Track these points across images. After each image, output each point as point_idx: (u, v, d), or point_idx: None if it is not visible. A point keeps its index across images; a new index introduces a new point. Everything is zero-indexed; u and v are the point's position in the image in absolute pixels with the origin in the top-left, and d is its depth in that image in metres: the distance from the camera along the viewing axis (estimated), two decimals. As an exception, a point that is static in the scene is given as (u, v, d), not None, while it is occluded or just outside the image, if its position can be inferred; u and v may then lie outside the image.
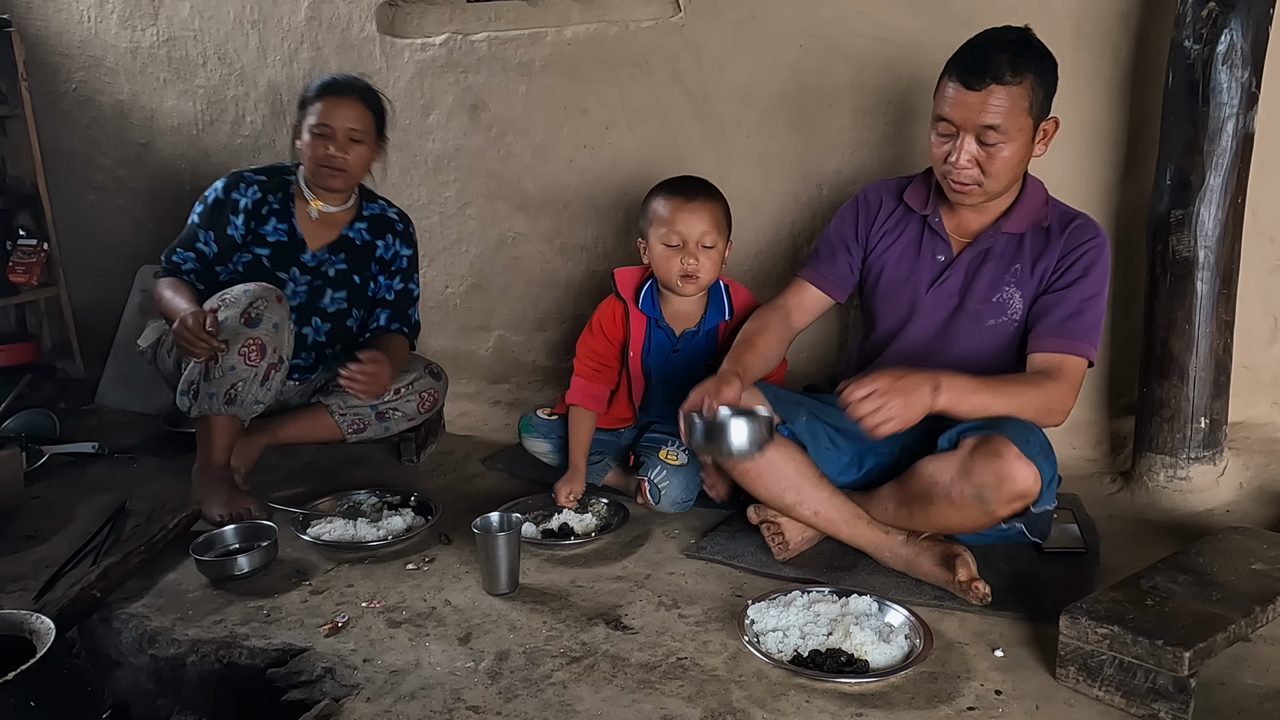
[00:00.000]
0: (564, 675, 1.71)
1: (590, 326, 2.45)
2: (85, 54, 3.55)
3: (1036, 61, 1.90)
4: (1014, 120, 1.89)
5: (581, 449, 2.39)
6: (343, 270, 2.62)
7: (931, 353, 2.09)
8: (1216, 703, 1.57)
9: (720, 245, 2.30)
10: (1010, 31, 1.92)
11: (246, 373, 2.32)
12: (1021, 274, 2.04)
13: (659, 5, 2.83)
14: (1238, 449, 2.37)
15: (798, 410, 2.10)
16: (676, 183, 2.34)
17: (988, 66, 1.87)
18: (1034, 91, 1.90)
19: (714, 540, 2.19)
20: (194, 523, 2.27)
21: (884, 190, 2.21)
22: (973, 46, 1.93)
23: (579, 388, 2.43)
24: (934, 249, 2.12)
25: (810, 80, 2.67)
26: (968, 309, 2.08)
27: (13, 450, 2.56)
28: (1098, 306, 2.00)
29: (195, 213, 2.59)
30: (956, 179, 1.96)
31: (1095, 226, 2.05)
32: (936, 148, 1.98)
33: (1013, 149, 1.92)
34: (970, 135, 1.91)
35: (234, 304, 2.31)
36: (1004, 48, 1.88)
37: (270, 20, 3.25)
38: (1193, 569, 1.73)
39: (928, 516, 1.93)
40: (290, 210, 2.59)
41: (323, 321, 2.62)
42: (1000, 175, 1.95)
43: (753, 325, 2.17)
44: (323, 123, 2.47)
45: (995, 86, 1.87)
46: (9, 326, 3.63)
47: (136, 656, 1.93)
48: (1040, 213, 2.05)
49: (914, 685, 1.65)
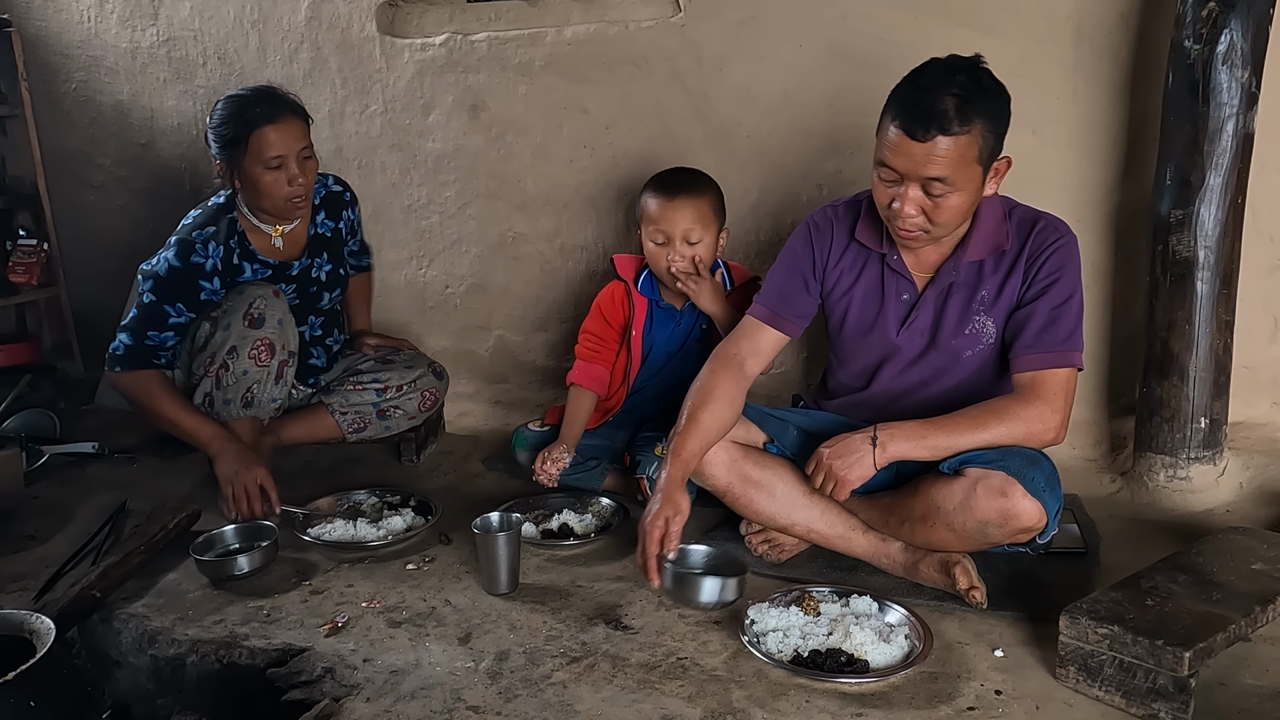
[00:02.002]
0: (564, 675, 1.71)
1: (593, 311, 2.51)
2: (85, 54, 3.55)
3: (987, 105, 1.76)
4: (961, 171, 1.77)
5: (576, 424, 2.43)
6: (329, 270, 2.61)
7: (913, 391, 2.05)
8: (1216, 703, 1.57)
9: (709, 238, 2.31)
10: (958, 69, 1.77)
11: (259, 374, 2.33)
12: (988, 299, 1.95)
13: (659, 5, 2.83)
14: (1238, 449, 2.37)
15: (785, 426, 2.08)
16: (663, 178, 2.36)
17: (933, 117, 1.72)
18: (983, 139, 1.76)
19: (714, 540, 2.18)
20: (194, 523, 2.27)
21: (834, 221, 2.07)
22: (917, 88, 1.76)
23: (580, 369, 2.48)
24: (898, 288, 2.01)
25: (810, 80, 2.67)
26: (941, 345, 2.00)
27: (13, 450, 2.56)
28: (1072, 310, 1.90)
29: (146, 289, 2.36)
30: (902, 226, 1.85)
31: (1059, 227, 1.94)
32: (879, 191, 1.87)
33: (960, 197, 1.80)
34: (915, 184, 1.79)
35: (233, 309, 2.31)
36: (950, 90, 1.73)
37: (270, 20, 3.25)
38: (1193, 569, 1.73)
39: (928, 537, 1.90)
40: (250, 248, 2.44)
41: (317, 318, 2.62)
42: (948, 223, 1.85)
43: (699, 396, 1.97)
44: (274, 155, 2.29)
45: (941, 138, 1.73)
46: (9, 326, 3.63)
47: (136, 656, 1.93)
48: (999, 233, 1.93)
49: (914, 685, 1.65)
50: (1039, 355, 1.88)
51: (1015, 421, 1.84)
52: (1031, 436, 1.85)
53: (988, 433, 1.84)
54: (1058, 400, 1.86)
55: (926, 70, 1.80)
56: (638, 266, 2.49)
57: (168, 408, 2.35)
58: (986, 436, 1.84)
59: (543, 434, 2.52)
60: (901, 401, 2.05)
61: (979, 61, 1.80)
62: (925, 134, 1.73)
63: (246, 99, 2.34)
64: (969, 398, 1.93)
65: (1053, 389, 1.86)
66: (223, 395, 2.32)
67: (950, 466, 1.85)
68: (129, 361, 2.36)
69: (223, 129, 2.32)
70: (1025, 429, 1.84)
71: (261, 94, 2.36)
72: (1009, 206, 1.98)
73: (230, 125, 2.31)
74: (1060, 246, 1.91)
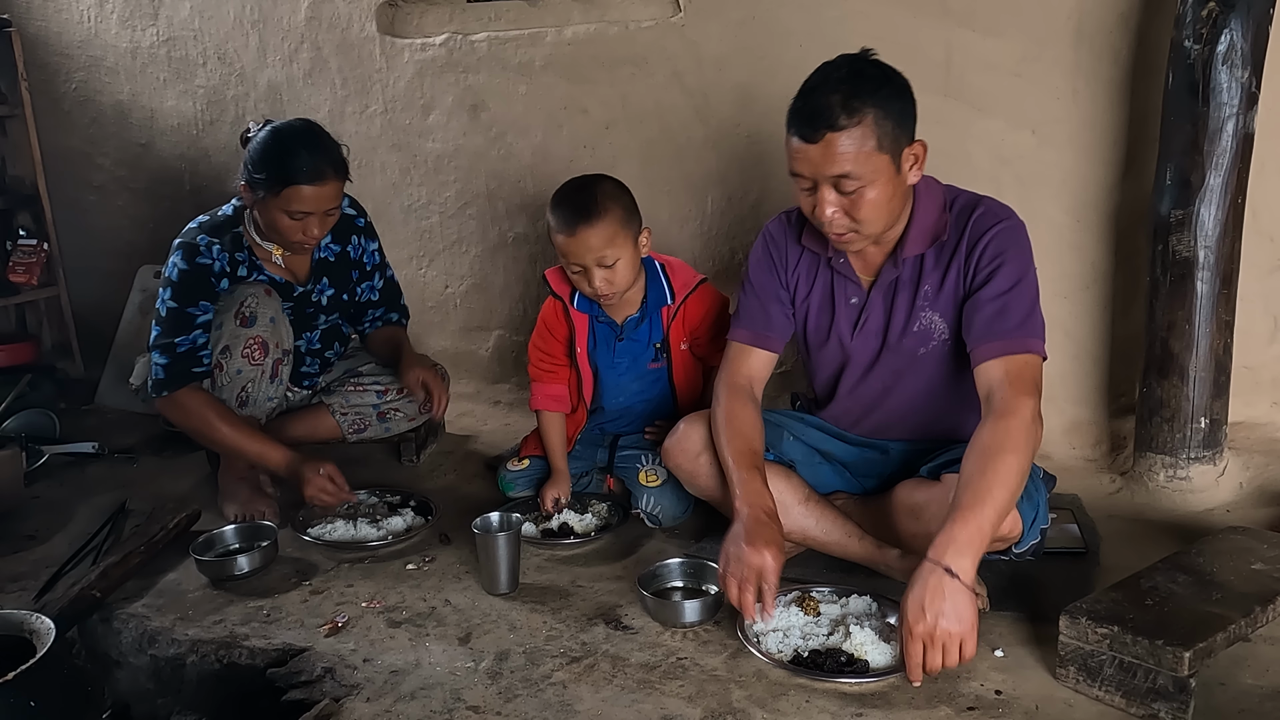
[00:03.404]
0: (564, 675, 1.71)
1: (537, 329, 2.40)
2: (85, 54, 3.55)
3: (874, 93, 1.72)
4: (864, 163, 1.73)
5: (559, 451, 2.37)
6: (331, 295, 2.55)
7: (878, 396, 2.02)
8: (1216, 703, 1.56)
9: (624, 253, 2.16)
10: (840, 66, 1.76)
11: (253, 373, 2.32)
12: (931, 294, 1.90)
13: (659, 5, 2.83)
14: (1238, 449, 2.37)
15: (780, 432, 2.07)
16: (560, 206, 2.18)
17: (819, 115, 1.71)
18: (879, 125, 1.72)
19: (713, 541, 2.18)
20: (194, 523, 2.28)
21: (786, 229, 2.04)
22: (803, 93, 1.77)
23: (539, 392, 2.39)
24: (846, 293, 1.98)
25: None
26: (892, 346, 1.96)
27: (13, 450, 2.56)
28: (1024, 295, 1.81)
29: (165, 298, 2.32)
30: (831, 230, 1.82)
31: (999, 210, 1.87)
32: (802, 202, 1.83)
33: (876, 189, 1.76)
34: (826, 186, 1.76)
35: (224, 309, 2.31)
36: (833, 88, 1.72)
37: (270, 20, 3.25)
38: (1193, 569, 1.73)
39: (913, 542, 1.88)
40: (257, 261, 2.41)
41: (313, 334, 2.59)
42: (873, 219, 1.80)
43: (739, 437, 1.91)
44: (302, 210, 2.25)
45: (831, 134, 1.71)
46: (9, 326, 3.63)
47: (136, 656, 1.93)
48: (939, 225, 1.88)
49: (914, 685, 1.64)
50: (992, 344, 1.79)
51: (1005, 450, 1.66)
52: (1033, 444, 1.71)
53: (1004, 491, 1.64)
54: (1024, 396, 1.72)
55: (813, 75, 1.79)
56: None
57: (225, 434, 2.28)
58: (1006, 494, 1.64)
59: (524, 471, 2.43)
60: (872, 413, 2.04)
61: (866, 54, 1.79)
62: (815, 134, 1.72)
63: (292, 149, 2.23)
64: (936, 399, 1.92)
65: (1015, 386, 1.73)
66: (218, 395, 2.32)
67: (929, 470, 1.85)
68: (172, 382, 2.29)
69: (261, 167, 2.25)
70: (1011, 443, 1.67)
71: (310, 143, 2.26)
72: (951, 196, 1.92)
73: (270, 169, 2.23)
74: (999, 230, 1.84)
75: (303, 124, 2.35)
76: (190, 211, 2.60)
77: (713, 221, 2.90)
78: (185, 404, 2.29)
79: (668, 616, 1.87)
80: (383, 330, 2.69)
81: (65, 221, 3.60)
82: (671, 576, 1.99)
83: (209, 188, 3.49)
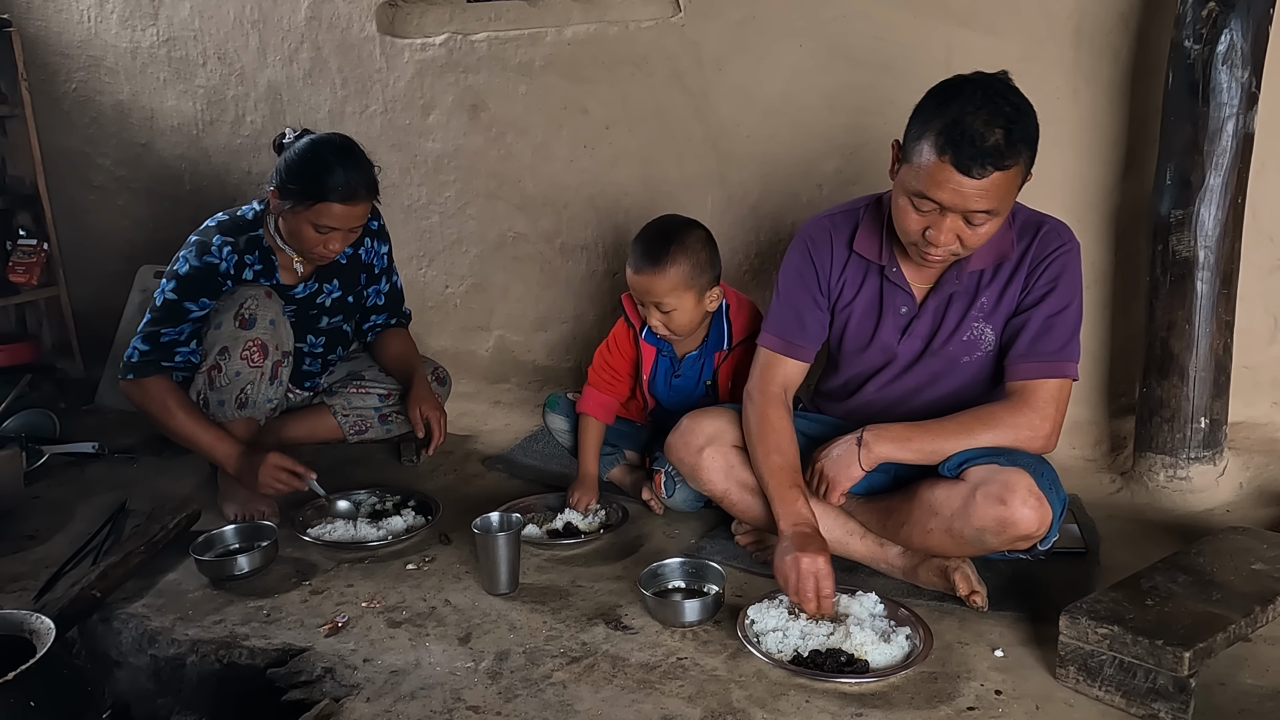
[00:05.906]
0: (564, 675, 1.71)
1: (608, 341, 2.45)
2: (85, 54, 3.55)
3: (1026, 130, 1.71)
4: (1006, 200, 1.74)
5: (592, 456, 2.40)
6: (337, 297, 2.55)
7: (907, 395, 2.03)
8: (1216, 703, 1.57)
9: (685, 303, 2.22)
10: (998, 94, 1.70)
11: (252, 374, 2.32)
12: (988, 306, 1.92)
13: (659, 5, 2.83)
14: (1238, 449, 2.37)
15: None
16: (637, 241, 2.25)
17: (987, 154, 1.66)
18: (1026, 163, 1.73)
19: (714, 540, 2.19)
20: (194, 523, 2.28)
21: (831, 232, 2.01)
22: (962, 120, 1.67)
23: (590, 396, 2.43)
24: (896, 301, 1.98)
25: (810, 80, 2.67)
26: (938, 351, 1.97)
27: (13, 450, 2.56)
28: (1069, 319, 1.87)
29: (166, 290, 2.33)
30: (930, 253, 1.81)
31: (1063, 232, 1.90)
32: (909, 219, 1.79)
33: (998, 223, 1.77)
34: (957, 215, 1.74)
35: (224, 309, 2.31)
36: (1000, 123, 1.67)
37: (270, 20, 3.25)
38: (1193, 569, 1.73)
39: (925, 542, 1.88)
40: (273, 264, 2.42)
41: (317, 337, 2.59)
42: (978, 246, 1.82)
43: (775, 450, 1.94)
44: (329, 226, 2.26)
45: (997, 174, 1.68)
46: (9, 326, 3.64)
47: (136, 656, 1.93)
48: (1004, 242, 1.89)
49: (914, 685, 1.65)
50: (1031, 364, 1.86)
51: (1003, 429, 1.83)
52: (1019, 444, 1.82)
53: (974, 438, 1.83)
54: (1048, 409, 1.83)
55: (965, 96, 1.70)
56: None
57: (181, 422, 2.29)
58: (972, 442, 1.82)
59: (570, 407, 2.52)
60: (896, 409, 2.03)
61: (1010, 81, 1.75)
62: (982, 171, 1.67)
63: (330, 166, 2.23)
64: (963, 404, 1.92)
65: (1043, 398, 1.84)
66: (216, 396, 2.32)
67: (951, 469, 1.84)
68: (143, 367, 2.31)
69: (296, 177, 2.24)
70: (1013, 436, 1.82)
71: (347, 161, 2.25)
72: (1013, 211, 1.92)
73: (304, 182, 2.23)
74: (1063, 253, 1.88)
75: (341, 140, 2.34)
76: (190, 211, 2.60)
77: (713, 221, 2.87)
78: (149, 388, 2.30)
79: (668, 616, 1.87)
80: (394, 344, 2.68)
81: (65, 221, 3.60)
82: (672, 576, 1.99)
83: (209, 188, 3.49)
